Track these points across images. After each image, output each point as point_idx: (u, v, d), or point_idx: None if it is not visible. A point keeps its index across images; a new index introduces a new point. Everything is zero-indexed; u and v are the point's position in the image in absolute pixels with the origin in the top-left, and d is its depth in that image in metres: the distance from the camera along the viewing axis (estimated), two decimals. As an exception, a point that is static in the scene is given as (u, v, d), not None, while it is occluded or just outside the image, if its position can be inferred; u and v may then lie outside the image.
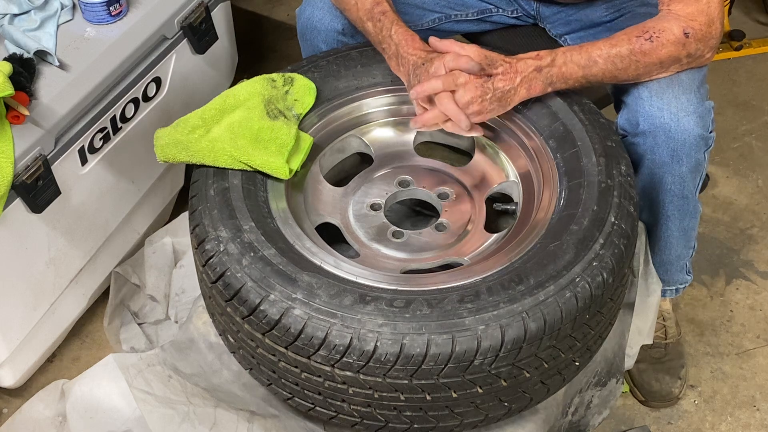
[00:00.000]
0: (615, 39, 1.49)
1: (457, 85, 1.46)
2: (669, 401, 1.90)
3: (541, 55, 1.48)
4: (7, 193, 1.55)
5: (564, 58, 1.48)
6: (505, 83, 1.46)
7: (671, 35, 1.47)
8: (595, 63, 1.47)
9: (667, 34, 1.47)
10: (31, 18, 1.75)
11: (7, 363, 1.79)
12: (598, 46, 1.48)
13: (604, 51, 1.47)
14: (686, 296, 2.09)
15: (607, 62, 1.47)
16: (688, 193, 1.61)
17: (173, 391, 1.46)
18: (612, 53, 1.47)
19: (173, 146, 1.49)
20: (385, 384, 1.26)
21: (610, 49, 1.47)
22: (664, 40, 1.47)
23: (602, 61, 1.47)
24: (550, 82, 1.48)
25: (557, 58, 1.48)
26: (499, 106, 1.48)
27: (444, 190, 1.60)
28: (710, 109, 1.55)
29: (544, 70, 1.47)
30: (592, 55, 1.47)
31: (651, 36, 1.47)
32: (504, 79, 1.46)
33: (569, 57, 1.48)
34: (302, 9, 1.78)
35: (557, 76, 1.48)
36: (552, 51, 1.48)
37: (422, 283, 1.34)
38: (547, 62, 1.47)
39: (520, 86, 1.47)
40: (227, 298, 1.33)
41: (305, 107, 1.57)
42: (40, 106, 1.62)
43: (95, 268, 1.92)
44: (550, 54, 1.48)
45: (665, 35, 1.47)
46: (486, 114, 1.49)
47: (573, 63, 1.47)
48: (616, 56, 1.47)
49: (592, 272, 1.31)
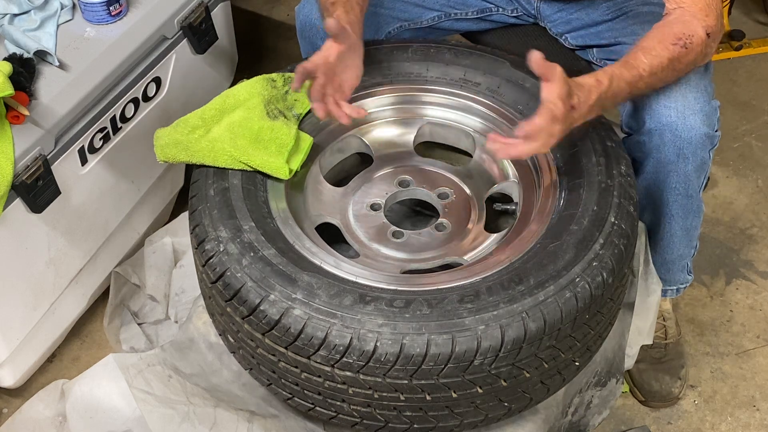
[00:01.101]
0: (652, 50, 1.43)
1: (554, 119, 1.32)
2: (669, 401, 1.90)
3: (600, 80, 1.38)
4: (7, 193, 1.55)
5: (616, 79, 1.40)
6: (579, 114, 1.36)
7: (699, 39, 1.45)
8: (640, 78, 1.42)
9: (696, 38, 1.44)
10: (31, 18, 1.75)
11: (7, 363, 1.79)
12: (641, 59, 1.42)
13: (647, 63, 1.42)
14: (686, 296, 2.08)
15: (651, 76, 1.43)
16: (693, 192, 1.60)
17: (173, 391, 1.46)
18: (655, 65, 1.42)
19: (173, 146, 1.49)
20: (385, 384, 1.26)
21: (652, 60, 1.42)
22: (695, 44, 1.45)
23: (647, 76, 1.42)
24: (602, 106, 1.41)
25: (612, 80, 1.39)
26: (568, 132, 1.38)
27: (444, 190, 1.60)
28: (716, 108, 1.55)
29: (603, 96, 1.39)
30: (639, 71, 1.41)
31: (685, 43, 1.44)
32: (580, 110, 1.36)
33: (620, 76, 1.40)
34: (301, 7, 1.78)
35: (611, 99, 1.41)
36: (606, 72, 1.40)
37: (422, 283, 1.34)
38: (605, 88, 1.38)
39: (587, 114, 1.39)
40: (227, 298, 1.33)
41: (305, 107, 1.57)
42: (40, 106, 1.62)
43: (95, 268, 1.92)
44: (606, 76, 1.39)
45: (695, 40, 1.44)
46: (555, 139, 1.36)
47: (623, 81, 1.41)
48: (658, 67, 1.43)
49: (592, 272, 1.31)
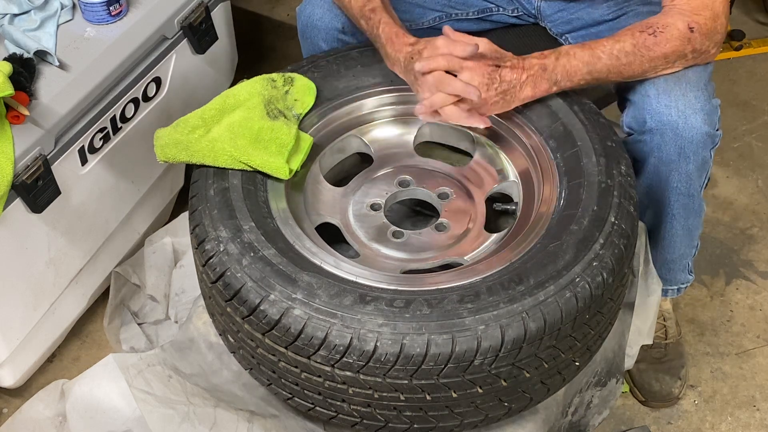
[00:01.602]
0: (618, 35, 1.48)
1: (463, 67, 1.43)
2: (669, 401, 1.90)
3: (545, 53, 1.47)
4: (7, 193, 1.55)
5: (568, 55, 1.47)
6: (512, 76, 1.44)
7: (675, 30, 1.46)
8: (599, 59, 1.46)
9: (671, 29, 1.46)
10: (31, 18, 1.75)
11: (7, 363, 1.79)
12: (602, 42, 1.48)
13: (608, 47, 1.47)
14: (686, 296, 2.08)
15: (611, 58, 1.46)
16: (694, 192, 1.60)
17: (173, 391, 1.46)
18: (616, 48, 1.46)
19: (173, 146, 1.49)
20: (385, 384, 1.26)
21: (614, 44, 1.47)
22: (669, 35, 1.46)
23: (606, 57, 1.46)
24: (555, 81, 1.48)
25: (561, 55, 1.47)
26: (503, 101, 1.47)
27: (444, 190, 1.60)
28: (717, 106, 1.55)
29: (549, 68, 1.46)
30: (595, 52, 1.47)
31: (654, 31, 1.46)
32: (512, 72, 1.44)
33: (573, 54, 1.47)
34: (302, 7, 1.78)
35: (562, 74, 1.47)
36: (555, 49, 1.48)
37: (422, 283, 1.34)
38: (552, 60, 1.46)
39: (526, 83, 1.46)
40: (227, 298, 1.33)
41: (305, 107, 1.57)
42: (40, 106, 1.62)
43: (95, 268, 1.92)
44: (554, 52, 1.48)
45: (669, 30, 1.46)
46: (489, 106, 1.47)
47: (577, 60, 1.47)
48: (620, 51, 1.46)
49: (592, 272, 1.31)
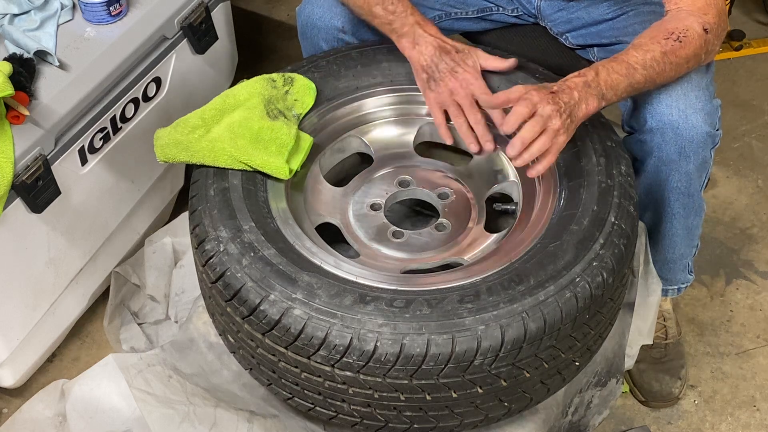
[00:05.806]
0: (643, 46, 1.45)
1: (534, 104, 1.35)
2: (669, 401, 1.90)
3: (581, 72, 1.42)
4: (7, 193, 1.55)
5: (605, 69, 1.42)
6: (567, 97, 1.37)
7: (695, 33, 1.46)
8: (635, 70, 1.43)
9: (692, 32, 1.46)
10: (31, 18, 1.75)
11: (7, 363, 1.79)
12: (631, 54, 1.44)
13: (639, 58, 1.43)
14: (686, 296, 2.08)
15: (645, 68, 1.44)
16: (694, 191, 1.61)
17: (173, 391, 1.46)
18: (647, 59, 1.44)
19: (173, 146, 1.49)
20: (385, 384, 1.26)
21: (644, 54, 1.44)
22: (690, 38, 1.46)
23: (641, 68, 1.43)
24: (602, 95, 1.41)
25: (599, 70, 1.42)
26: (571, 122, 1.39)
27: (444, 190, 1.60)
28: (717, 106, 1.55)
29: (592, 83, 1.40)
30: (630, 63, 1.43)
31: (678, 36, 1.45)
32: (565, 94, 1.37)
33: (609, 68, 1.42)
34: (302, 7, 1.78)
35: (606, 87, 1.41)
36: (589, 67, 1.43)
37: (422, 283, 1.34)
38: (592, 75, 1.41)
39: (580, 102, 1.39)
40: (227, 298, 1.33)
41: (305, 107, 1.57)
42: (40, 106, 1.62)
43: (95, 268, 1.92)
44: (589, 69, 1.42)
45: (690, 33, 1.46)
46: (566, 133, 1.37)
47: (615, 73, 1.42)
48: (652, 60, 1.44)
49: (592, 272, 1.31)
